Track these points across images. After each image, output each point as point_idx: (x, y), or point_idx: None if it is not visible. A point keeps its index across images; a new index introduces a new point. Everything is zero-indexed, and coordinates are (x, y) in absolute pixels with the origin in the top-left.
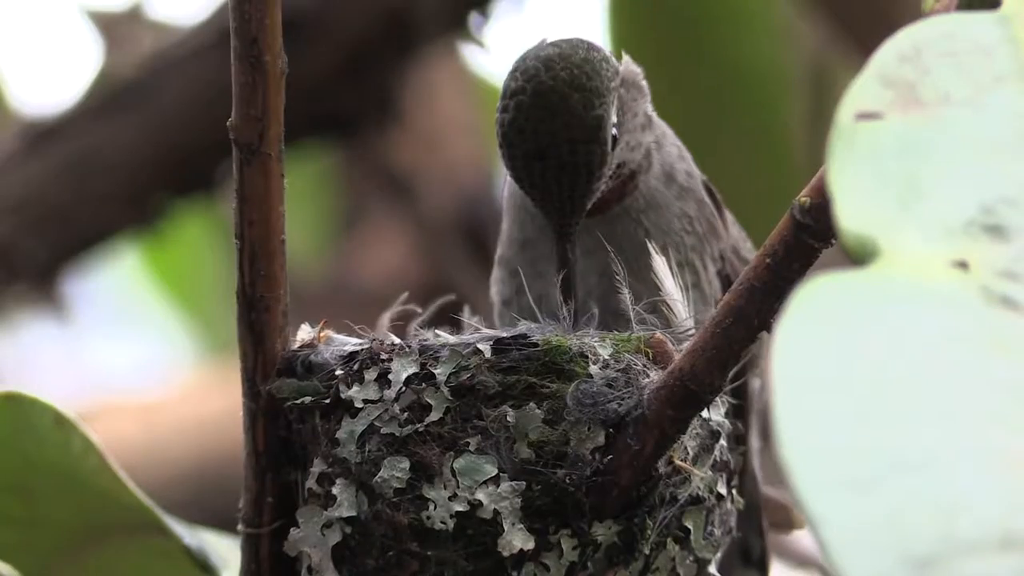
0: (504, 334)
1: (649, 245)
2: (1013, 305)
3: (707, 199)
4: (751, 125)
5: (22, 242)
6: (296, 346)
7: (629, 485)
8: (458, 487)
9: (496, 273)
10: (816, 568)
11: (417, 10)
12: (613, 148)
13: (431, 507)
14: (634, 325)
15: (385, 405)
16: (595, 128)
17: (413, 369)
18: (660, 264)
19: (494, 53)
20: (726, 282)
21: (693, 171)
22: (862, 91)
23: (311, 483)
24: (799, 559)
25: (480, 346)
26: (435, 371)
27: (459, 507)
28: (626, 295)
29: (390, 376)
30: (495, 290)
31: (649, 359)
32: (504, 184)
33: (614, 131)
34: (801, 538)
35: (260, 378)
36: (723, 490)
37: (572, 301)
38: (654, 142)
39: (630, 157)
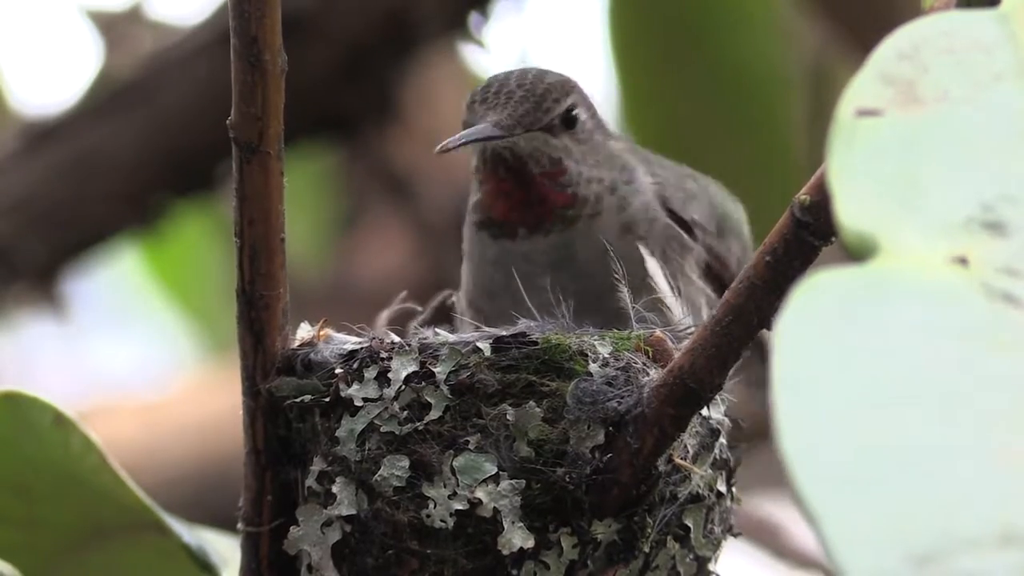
0: (504, 332)
1: (641, 248)
2: (1013, 301)
3: (689, 242)
4: (751, 125)
5: (22, 242)
6: (296, 344)
7: (629, 483)
8: (458, 485)
9: (468, 311)
10: (817, 568)
11: (417, 10)
12: (567, 129)
13: (431, 505)
14: (634, 323)
15: (385, 403)
16: (560, 81)
17: (413, 367)
18: (653, 266)
19: (494, 53)
20: None
21: (658, 216)
22: (862, 88)
23: (311, 481)
24: (800, 559)
25: (480, 344)
26: (435, 369)
27: (459, 505)
28: (625, 294)
29: (390, 374)
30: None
31: (649, 357)
32: (464, 227)
33: (580, 114)
34: (802, 539)
35: (260, 376)
36: (723, 488)
37: None
38: (610, 187)
39: (576, 170)
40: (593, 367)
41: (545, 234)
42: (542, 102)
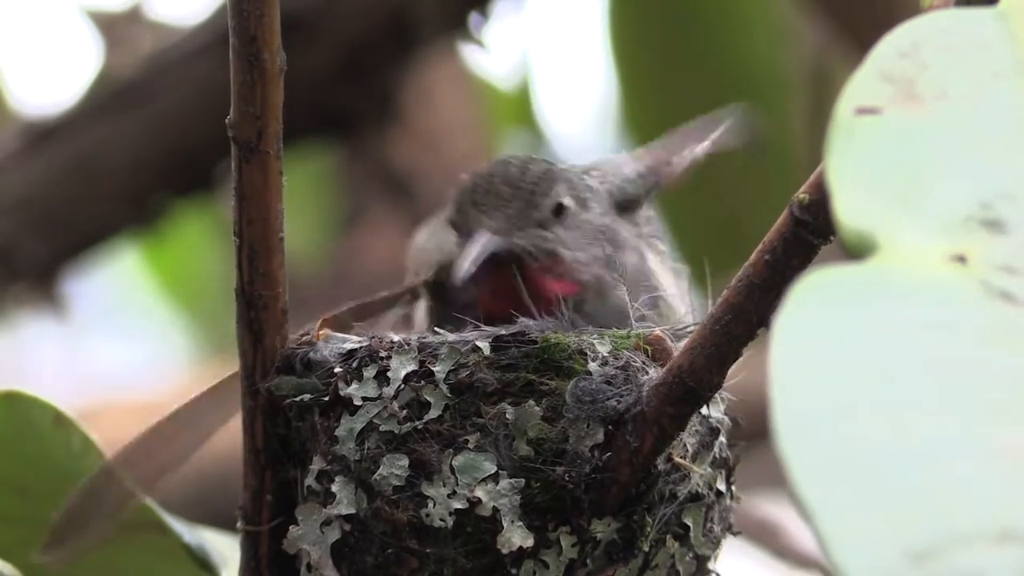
0: (503, 331)
1: (643, 245)
2: (1012, 299)
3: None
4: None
5: (22, 242)
6: (295, 343)
7: (628, 482)
8: (457, 484)
9: None
10: (817, 568)
11: (417, 10)
12: (557, 218)
13: (430, 504)
14: (633, 322)
15: (384, 403)
16: (543, 171)
17: (412, 366)
18: (656, 262)
19: (494, 53)
20: None
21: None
22: (861, 86)
23: (310, 481)
24: (799, 559)
25: (479, 343)
26: (434, 368)
27: (458, 504)
28: (624, 291)
29: (389, 374)
30: None
31: (648, 356)
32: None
33: (567, 202)
34: (802, 539)
35: (259, 376)
36: (722, 487)
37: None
38: (604, 261)
39: (572, 258)
40: (592, 366)
41: None
42: (531, 198)
